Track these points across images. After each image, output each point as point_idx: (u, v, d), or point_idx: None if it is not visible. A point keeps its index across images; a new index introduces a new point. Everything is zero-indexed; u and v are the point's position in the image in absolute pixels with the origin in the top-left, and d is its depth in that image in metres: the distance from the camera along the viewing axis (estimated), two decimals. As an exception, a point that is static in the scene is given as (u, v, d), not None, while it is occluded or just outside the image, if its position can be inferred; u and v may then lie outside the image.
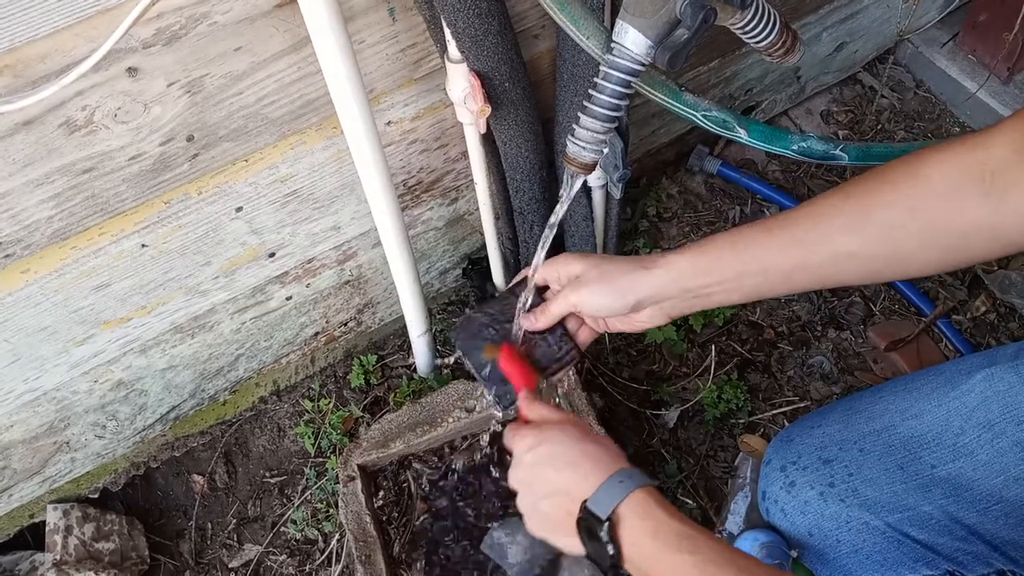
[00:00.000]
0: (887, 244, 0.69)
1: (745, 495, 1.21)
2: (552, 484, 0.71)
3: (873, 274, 0.72)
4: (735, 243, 0.74)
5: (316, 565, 1.33)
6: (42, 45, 0.72)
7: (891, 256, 0.69)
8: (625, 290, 0.76)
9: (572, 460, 0.71)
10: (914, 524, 0.81)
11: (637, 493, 0.66)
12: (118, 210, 0.93)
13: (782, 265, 0.72)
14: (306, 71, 0.92)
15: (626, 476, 0.67)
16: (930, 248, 0.67)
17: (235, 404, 1.42)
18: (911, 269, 0.71)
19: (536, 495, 0.72)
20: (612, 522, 0.65)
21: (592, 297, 0.78)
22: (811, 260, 0.71)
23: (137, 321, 1.10)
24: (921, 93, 1.76)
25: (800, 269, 0.72)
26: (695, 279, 0.75)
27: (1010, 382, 0.77)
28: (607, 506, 0.66)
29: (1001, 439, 0.77)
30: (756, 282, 0.73)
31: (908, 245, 0.68)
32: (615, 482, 0.67)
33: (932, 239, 0.67)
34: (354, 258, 1.27)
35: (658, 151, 1.60)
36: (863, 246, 0.69)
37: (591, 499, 0.67)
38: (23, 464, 1.19)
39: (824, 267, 0.71)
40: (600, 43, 0.80)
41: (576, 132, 0.76)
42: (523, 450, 0.74)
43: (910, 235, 0.67)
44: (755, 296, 0.76)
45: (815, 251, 0.70)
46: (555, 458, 0.71)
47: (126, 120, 0.84)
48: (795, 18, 1.46)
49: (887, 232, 0.68)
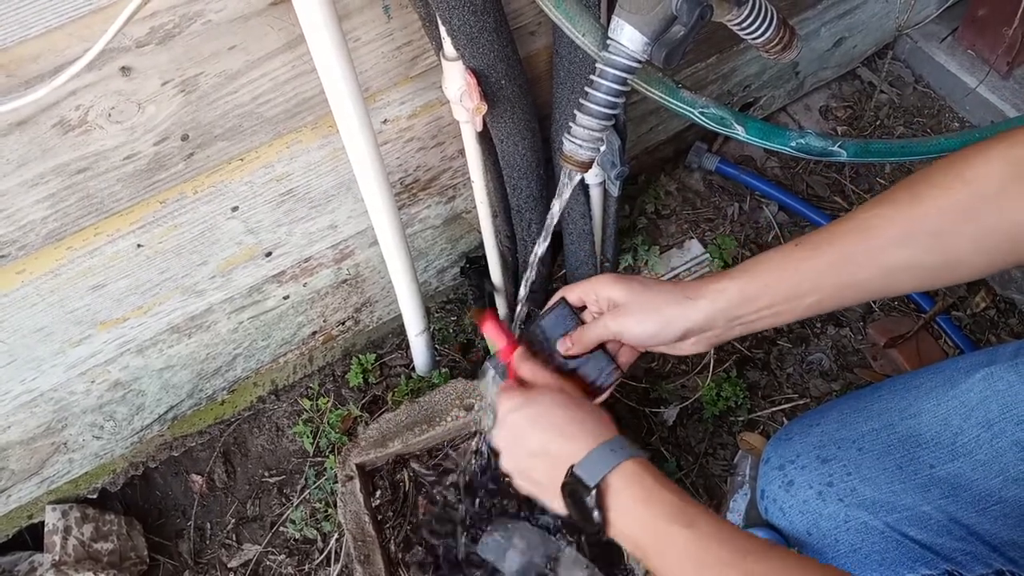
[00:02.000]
0: (941, 252, 0.66)
1: (744, 493, 1.21)
2: (535, 443, 0.70)
3: (926, 283, 0.70)
4: (783, 266, 0.71)
5: (315, 565, 1.33)
6: (35, 45, 0.72)
7: (945, 264, 0.67)
8: (670, 320, 0.73)
9: (557, 423, 0.70)
10: (913, 524, 0.81)
11: (629, 463, 0.65)
12: (113, 210, 0.93)
13: (833, 284, 0.69)
14: (301, 69, 0.91)
15: (618, 445, 0.66)
16: (982, 252, 0.65)
17: (233, 404, 1.42)
18: (963, 274, 0.68)
19: (518, 454, 0.72)
20: (600, 490, 0.64)
21: (636, 328, 0.75)
22: (862, 276, 0.68)
23: (134, 321, 1.10)
24: (920, 88, 1.75)
25: (851, 286, 0.69)
26: (743, 307, 0.72)
27: (1010, 381, 0.77)
28: (596, 473, 0.65)
29: (1000, 439, 0.77)
30: (807, 303, 0.70)
31: (962, 250, 0.66)
32: (606, 450, 0.66)
33: (984, 243, 0.65)
34: (351, 257, 1.26)
35: (656, 148, 1.60)
36: (916, 256, 0.67)
37: (579, 464, 0.66)
38: (21, 465, 1.19)
39: (875, 281, 0.68)
40: (596, 40, 0.80)
41: (572, 130, 0.75)
42: (508, 409, 0.73)
43: (964, 241, 0.65)
44: (804, 316, 0.73)
45: (867, 266, 0.68)
46: (539, 418, 0.71)
47: (120, 120, 0.83)
48: (793, 13, 1.46)
49: (939, 240, 0.66)
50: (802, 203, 1.59)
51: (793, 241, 0.72)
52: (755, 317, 0.73)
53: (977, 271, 0.68)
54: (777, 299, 0.71)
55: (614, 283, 0.76)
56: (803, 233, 1.60)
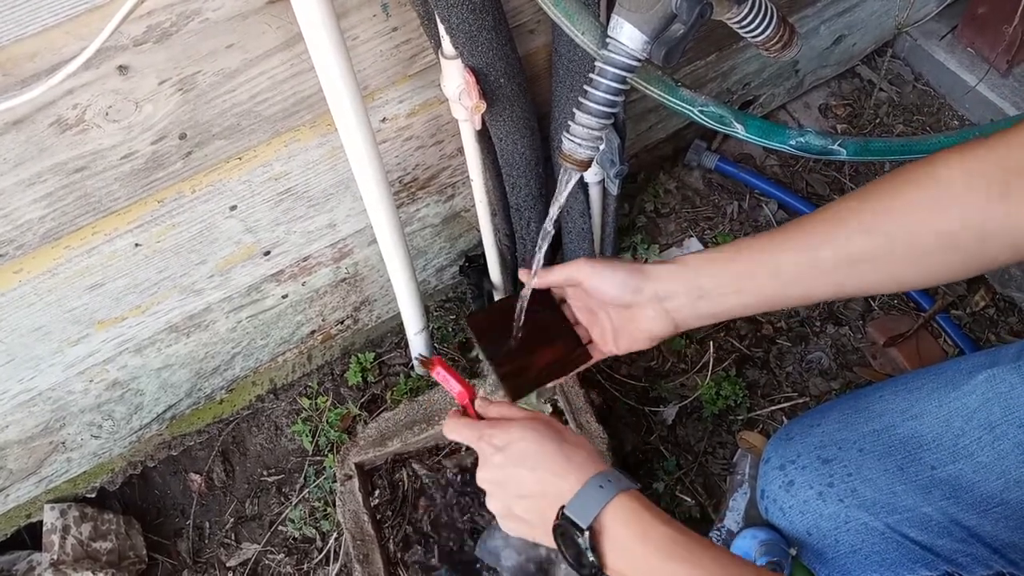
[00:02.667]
0: (905, 247, 0.66)
1: (744, 492, 1.20)
2: (526, 486, 0.68)
3: (892, 279, 0.70)
4: (750, 245, 0.72)
5: (314, 564, 1.33)
6: (31, 43, 0.72)
7: (910, 259, 0.67)
8: (631, 273, 0.75)
9: (546, 460, 0.68)
10: (913, 525, 0.81)
11: (620, 498, 0.64)
12: (111, 209, 0.92)
13: (796, 268, 0.70)
14: (299, 68, 0.91)
15: (605, 480, 0.65)
16: (949, 251, 0.65)
17: (232, 403, 1.42)
18: (933, 275, 0.68)
19: (508, 497, 0.70)
20: (594, 530, 0.62)
21: (596, 273, 0.77)
22: (826, 262, 0.69)
23: (132, 320, 1.09)
24: (920, 86, 1.75)
25: (815, 273, 0.69)
26: (703, 277, 0.73)
27: (1012, 383, 0.76)
28: (588, 513, 0.63)
29: (1002, 441, 0.76)
30: (768, 285, 0.71)
31: (928, 247, 0.65)
32: (594, 487, 0.64)
33: (952, 242, 0.65)
34: (350, 256, 1.26)
35: (655, 146, 1.60)
36: (881, 247, 0.67)
37: (569, 505, 0.64)
38: (19, 464, 1.19)
39: (840, 270, 0.69)
40: (595, 39, 0.79)
41: (571, 128, 0.75)
42: (491, 450, 0.71)
43: (930, 236, 0.65)
44: (768, 303, 0.73)
45: (831, 253, 0.68)
46: (528, 457, 0.68)
47: (118, 118, 0.83)
48: (792, 11, 1.46)
49: (905, 233, 0.66)
50: (802, 201, 1.59)
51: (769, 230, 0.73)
52: (718, 293, 0.73)
53: (949, 273, 0.68)
54: (740, 275, 0.71)
55: (588, 260, 0.79)
56: (803, 231, 1.60)
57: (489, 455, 0.71)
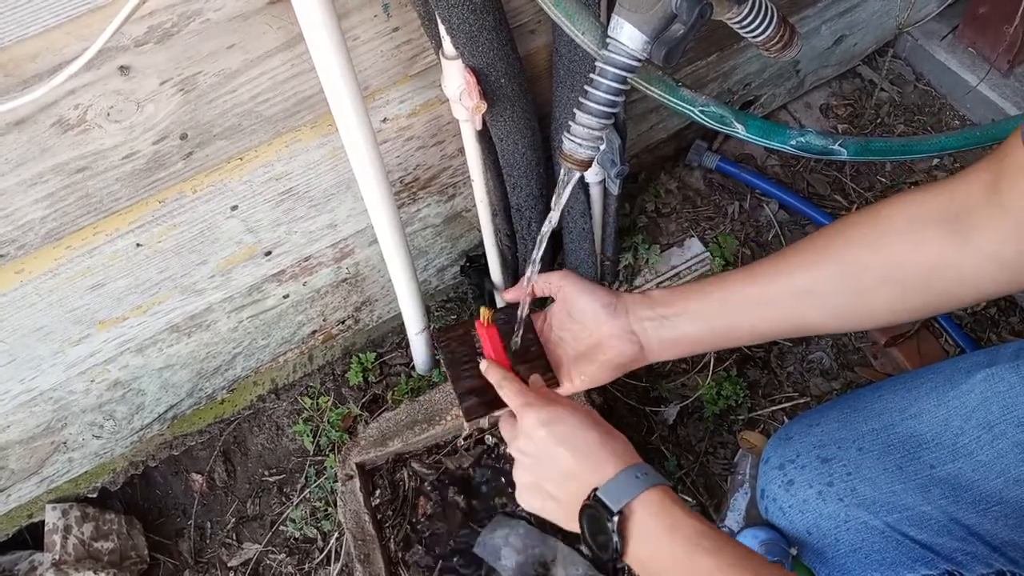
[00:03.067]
0: (845, 281, 0.69)
1: (745, 492, 1.20)
2: (564, 465, 0.69)
3: (836, 315, 0.72)
4: (710, 279, 0.78)
5: (315, 564, 1.33)
6: (33, 44, 0.72)
7: (852, 295, 0.70)
8: (607, 292, 0.81)
9: (588, 446, 0.69)
10: (913, 524, 0.81)
11: (654, 490, 0.65)
12: (112, 209, 0.93)
13: (742, 298, 0.74)
14: (300, 68, 0.91)
15: (642, 472, 0.67)
16: (891, 285, 0.68)
17: (233, 403, 1.42)
18: (876, 312, 0.71)
19: (543, 471, 0.71)
20: (623, 515, 0.64)
21: (574, 285, 0.82)
22: (770, 294, 0.73)
23: (133, 320, 1.10)
24: (921, 86, 1.75)
25: (761, 304, 0.74)
26: (664, 304, 0.78)
27: (1011, 382, 0.77)
28: (620, 498, 0.65)
29: (1001, 440, 0.76)
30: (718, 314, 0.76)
31: (868, 282, 0.69)
32: (631, 476, 0.66)
33: (893, 276, 0.67)
34: (351, 256, 1.26)
35: (656, 146, 1.60)
36: (820, 282, 0.70)
37: (603, 488, 0.66)
38: (21, 464, 1.19)
39: (783, 303, 0.73)
40: (595, 39, 0.79)
41: (572, 128, 0.75)
42: (535, 424, 0.72)
43: (870, 271, 0.68)
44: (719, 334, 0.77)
45: (777, 286, 0.72)
46: (570, 439, 0.70)
47: (119, 119, 0.83)
48: (793, 12, 1.46)
49: (845, 268, 0.69)
50: (803, 201, 1.59)
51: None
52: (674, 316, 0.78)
53: (893, 311, 0.71)
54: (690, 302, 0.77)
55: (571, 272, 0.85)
56: (804, 231, 1.60)
57: (533, 428, 0.72)
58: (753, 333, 0.76)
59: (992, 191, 0.62)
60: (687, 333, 0.77)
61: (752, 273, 0.75)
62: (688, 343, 0.78)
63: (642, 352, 0.79)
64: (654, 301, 0.79)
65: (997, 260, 0.63)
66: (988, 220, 0.62)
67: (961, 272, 0.65)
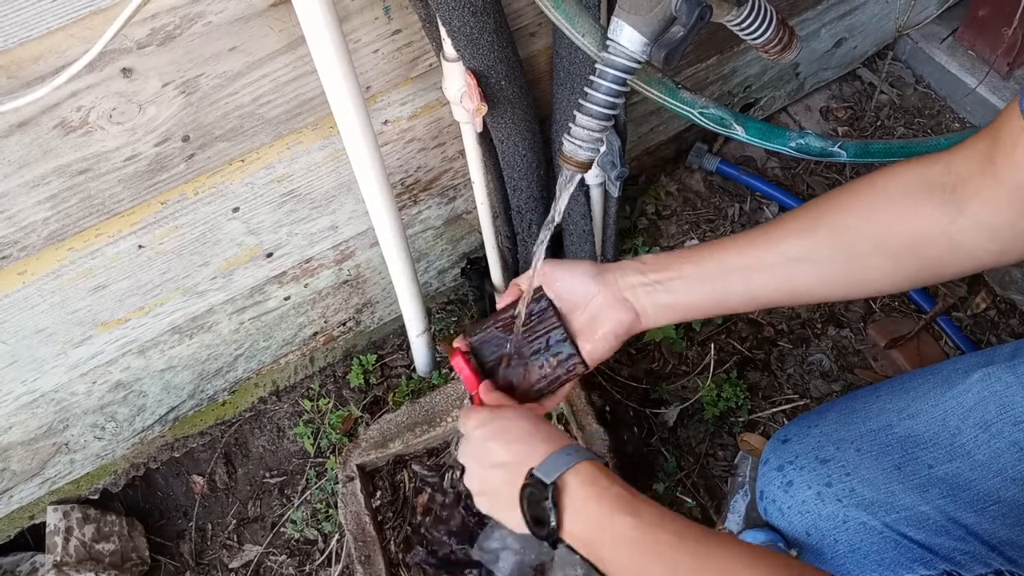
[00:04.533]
0: (839, 248, 0.70)
1: (744, 494, 1.20)
2: (500, 456, 0.71)
3: (830, 282, 0.72)
4: (698, 246, 0.78)
5: (316, 565, 1.33)
6: (36, 46, 0.72)
7: (845, 262, 0.70)
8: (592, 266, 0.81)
9: (522, 436, 0.72)
10: (911, 524, 0.81)
11: (584, 464, 0.68)
12: (114, 211, 0.93)
13: (738, 260, 0.74)
14: (302, 71, 0.91)
15: (574, 450, 0.69)
16: (885, 253, 0.68)
17: (234, 404, 1.42)
18: (870, 279, 0.71)
19: (483, 467, 0.73)
20: (557, 487, 0.66)
21: (560, 267, 0.82)
22: (765, 260, 0.73)
23: (135, 322, 1.10)
24: (921, 89, 1.75)
25: (756, 269, 0.73)
26: (658, 268, 0.77)
27: (1007, 382, 0.77)
28: (553, 472, 0.67)
29: (998, 440, 0.77)
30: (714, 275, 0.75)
31: (861, 248, 0.69)
32: (563, 453, 0.68)
33: (886, 243, 0.68)
34: (352, 258, 1.26)
35: (657, 148, 1.60)
36: (814, 248, 0.70)
37: (538, 467, 0.68)
38: (22, 466, 1.19)
39: (778, 269, 0.72)
40: (595, 41, 0.80)
41: (572, 130, 0.76)
42: (474, 425, 0.75)
43: (863, 238, 0.68)
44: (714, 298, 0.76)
45: (772, 251, 0.72)
46: (505, 432, 0.72)
47: (121, 121, 0.84)
48: (793, 14, 1.46)
49: (838, 235, 0.69)
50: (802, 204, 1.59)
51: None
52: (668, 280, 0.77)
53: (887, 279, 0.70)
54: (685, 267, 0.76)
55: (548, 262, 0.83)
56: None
57: (471, 430, 0.75)
58: (747, 299, 0.76)
59: (987, 161, 0.62)
60: (683, 298, 0.77)
61: (748, 239, 0.75)
62: (684, 308, 0.77)
63: (638, 319, 0.79)
64: (646, 266, 0.78)
65: (990, 229, 0.64)
66: (983, 190, 0.63)
67: (953, 241, 0.65)
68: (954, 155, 0.65)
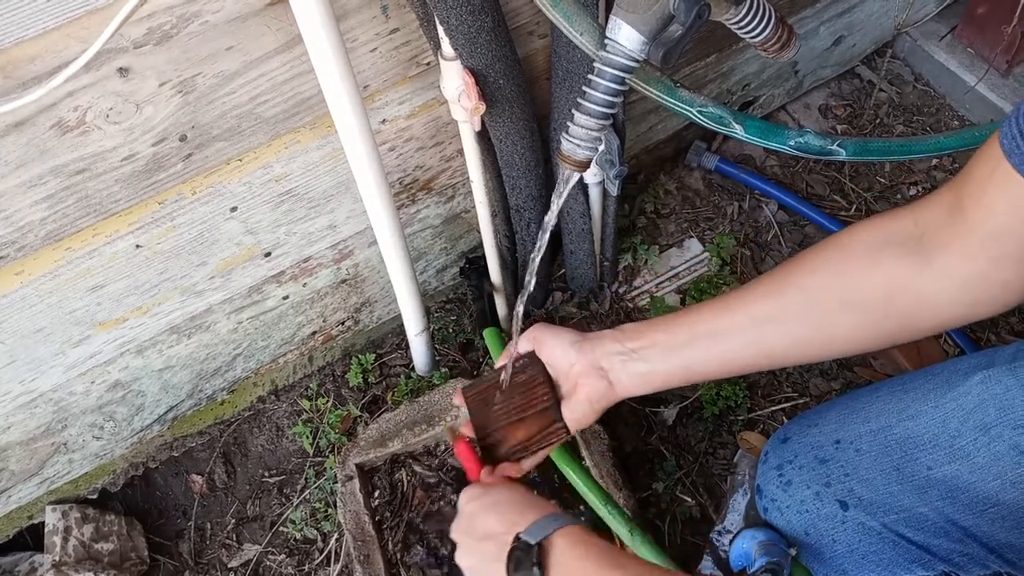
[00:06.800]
0: (806, 306, 0.70)
1: (744, 492, 1.20)
2: (491, 527, 0.72)
3: (800, 342, 0.73)
4: (675, 312, 0.79)
5: (315, 565, 1.33)
6: (32, 46, 0.72)
7: (813, 320, 0.71)
8: (575, 334, 0.82)
9: (512, 504, 0.73)
10: (910, 525, 0.81)
11: (570, 527, 0.68)
12: (112, 211, 0.93)
13: (711, 325, 0.75)
14: (299, 70, 0.91)
15: (560, 516, 0.70)
16: (853, 310, 0.68)
17: (233, 404, 1.42)
18: (839, 337, 0.71)
19: (474, 539, 0.74)
20: (542, 548, 0.67)
21: (543, 330, 0.84)
22: (735, 324, 0.73)
23: (133, 322, 1.10)
24: (920, 87, 1.75)
25: (724, 333, 0.74)
26: (633, 337, 0.78)
27: (1007, 385, 0.77)
28: (539, 534, 0.68)
29: (998, 443, 0.76)
30: (686, 345, 0.76)
31: (828, 306, 0.69)
32: (550, 519, 0.69)
33: (852, 299, 0.68)
34: (350, 257, 1.26)
35: (655, 147, 1.60)
36: (782, 308, 0.71)
37: (524, 531, 0.69)
38: (21, 466, 1.19)
39: (747, 332, 0.73)
40: (593, 40, 0.80)
41: (570, 129, 0.75)
42: (466, 500, 0.77)
43: (830, 296, 0.69)
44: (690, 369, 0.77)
45: (738, 314, 0.73)
46: (496, 505, 0.74)
47: (118, 120, 0.83)
48: (792, 12, 1.46)
49: (806, 294, 0.70)
50: (802, 202, 1.59)
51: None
52: (642, 349, 0.78)
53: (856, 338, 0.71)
54: (657, 335, 0.77)
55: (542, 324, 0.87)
56: (802, 232, 1.60)
57: (464, 505, 0.77)
58: (719, 364, 0.77)
59: (955, 209, 0.62)
60: (656, 366, 0.77)
61: (721, 303, 0.76)
62: (657, 377, 0.78)
63: (612, 388, 0.79)
64: (623, 335, 0.79)
65: (960, 280, 0.64)
66: (952, 239, 0.63)
67: (921, 294, 0.65)
68: (921, 207, 0.66)
